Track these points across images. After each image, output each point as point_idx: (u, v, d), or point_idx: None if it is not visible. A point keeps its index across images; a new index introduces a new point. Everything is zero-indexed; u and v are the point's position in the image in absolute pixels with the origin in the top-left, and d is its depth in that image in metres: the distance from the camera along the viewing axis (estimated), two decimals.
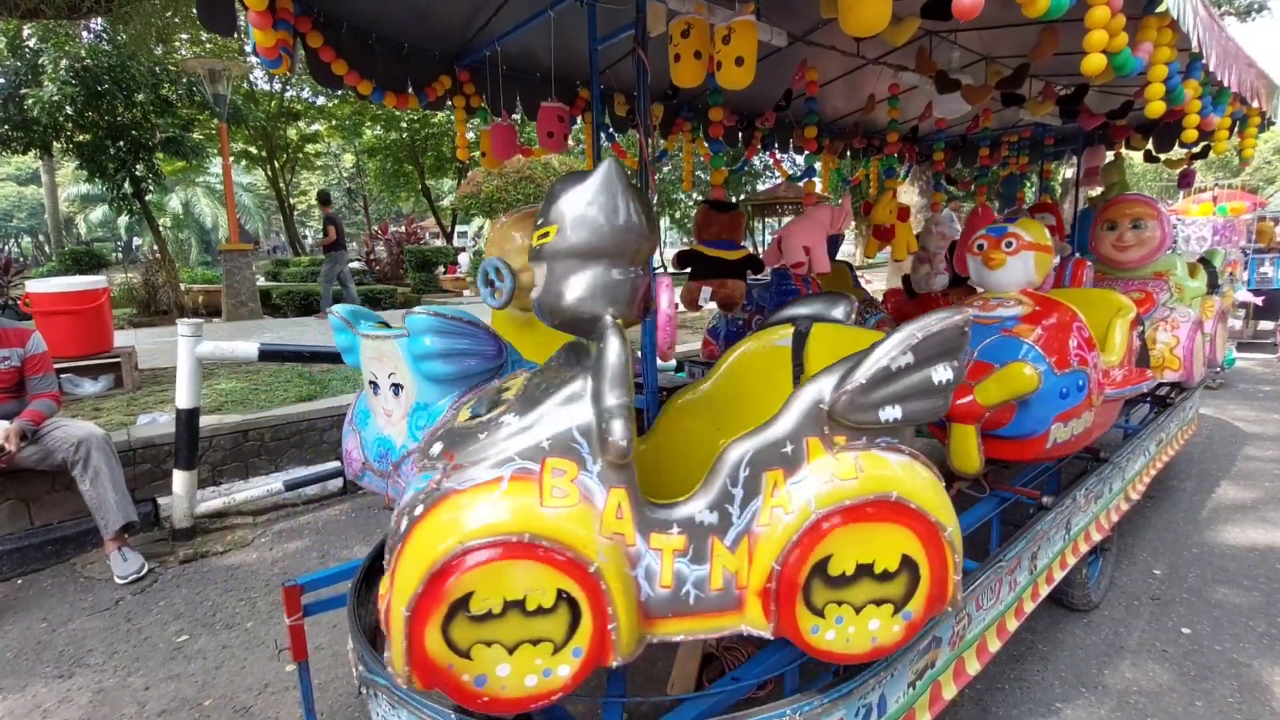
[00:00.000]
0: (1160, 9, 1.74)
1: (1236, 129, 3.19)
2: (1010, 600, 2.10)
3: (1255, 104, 2.87)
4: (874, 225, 3.75)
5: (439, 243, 23.12)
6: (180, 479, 3.73)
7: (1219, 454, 4.78)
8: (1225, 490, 4.13)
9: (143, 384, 5.69)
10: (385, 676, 1.50)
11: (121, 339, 6.59)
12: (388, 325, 1.88)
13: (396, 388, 1.75)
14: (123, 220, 26.61)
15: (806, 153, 4.41)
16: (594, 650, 1.17)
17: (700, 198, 12.60)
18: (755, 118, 4.10)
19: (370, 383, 1.85)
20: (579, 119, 3.42)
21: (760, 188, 21.05)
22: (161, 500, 3.91)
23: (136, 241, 32.44)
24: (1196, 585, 3.02)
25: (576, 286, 1.26)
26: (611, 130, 3.65)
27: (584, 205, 1.25)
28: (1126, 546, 3.35)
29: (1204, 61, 2.09)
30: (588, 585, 1.15)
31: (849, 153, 5.03)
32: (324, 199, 11.09)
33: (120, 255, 28.25)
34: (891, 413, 1.29)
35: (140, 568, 3.32)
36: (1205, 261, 3.99)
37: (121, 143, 12.16)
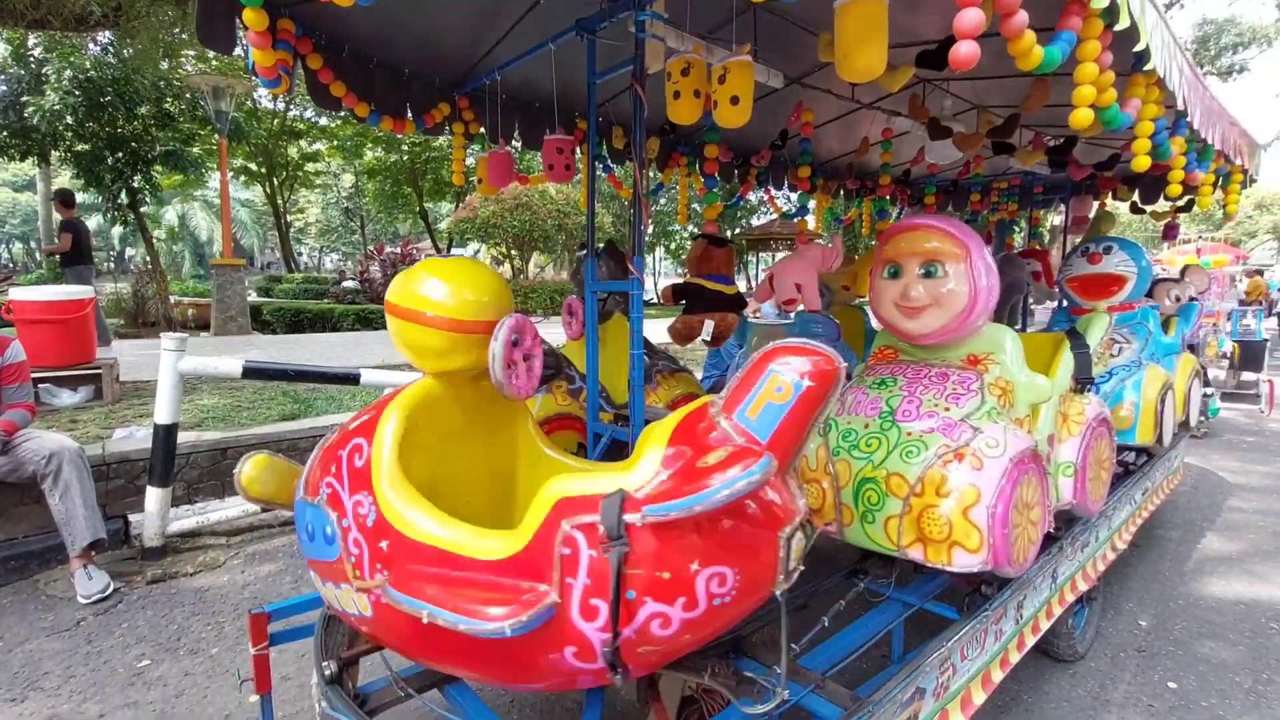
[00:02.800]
0: (1148, 67, 1.77)
1: (1220, 184, 3.26)
2: (996, 650, 2.06)
3: (1238, 161, 2.92)
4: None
5: None
6: (154, 496, 3.65)
7: (1204, 504, 4.78)
8: (1211, 541, 4.11)
9: (123, 397, 5.60)
10: (349, 713, 1.44)
11: (104, 350, 6.50)
12: None
13: None
14: (116, 230, 26.57)
15: (800, 191, 4.46)
16: None
17: (695, 231, 12.73)
18: (751, 155, 4.15)
19: None
20: (578, 150, 3.45)
21: (755, 223, 21.31)
22: (133, 517, 3.82)
23: (130, 252, 32.36)
24: (1183, 638, 2.99)
25: None
26: (609, 162, 3.68)
27: None
28: (1112, 596, 3.32)
29: (1189, 119, 2.13)
30: None
31: (842, 193, 5.10)
32: (65, 199, 8.31)
33: (112, 265, 28.11)
34: None
35: (105, 587, 3.22)
36: (1074, 334, 2.57)
37: (120, 154, 12.20)
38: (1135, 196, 4.31)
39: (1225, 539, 4.14)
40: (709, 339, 4.11)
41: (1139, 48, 1.64)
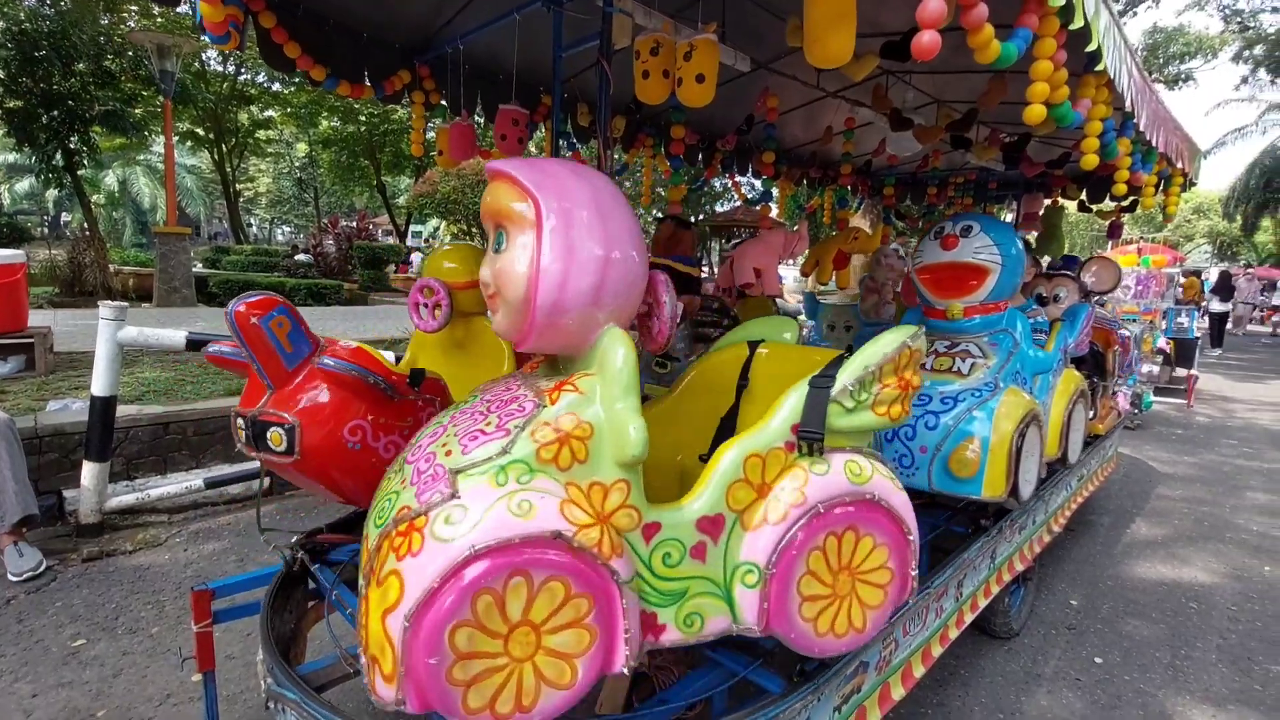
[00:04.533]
0: (1099, 68, 1.83)
1: (1162, 187, 3.40)
2: (936, 626, 2.14)
3: (1180, 165, 3.05)
4: (835, 253, 3.81)
5: (391, 240, 22.62)
6: (90, 471, 3.50)
7: (1135, 492, 5.03)
8: (1139, 526, 4.34)
9: (57, 367, 5.33)
10: (295, 690, 1.42)
11: (38, 318, 6.17)
12: None
13: None
14: (51, 194, 25.17)
15: (764, 176, 4.49)
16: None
17: (659, 214, 12.70)
18: (717, 139, 4.15)
19: None
20: (541, 125, 3.39)
21: (719, 209, 21.38)
22: (68, 493, 3.66)
23: (65, 217, 30.69)
24: (1110, 616, 3.16)
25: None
26: (574, 140, 3.64)
27: None
28: (1047, 577, 3.48)
29: (1136, 121, 2.21)
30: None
31: (805, 180, 5.15)
32: None
33: (46, 230, 26.63)
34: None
35: (38, 565, 3.09)
36: (840, 361, 1.52)
37: (56, 112, 11.52)
38: (1083, 195, 4.47)
39: (1152, 525, 4.38)
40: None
41: (1091, 48, 1.69)
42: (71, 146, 12.19)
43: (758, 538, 1.34)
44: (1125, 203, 4.07)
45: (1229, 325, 17.69)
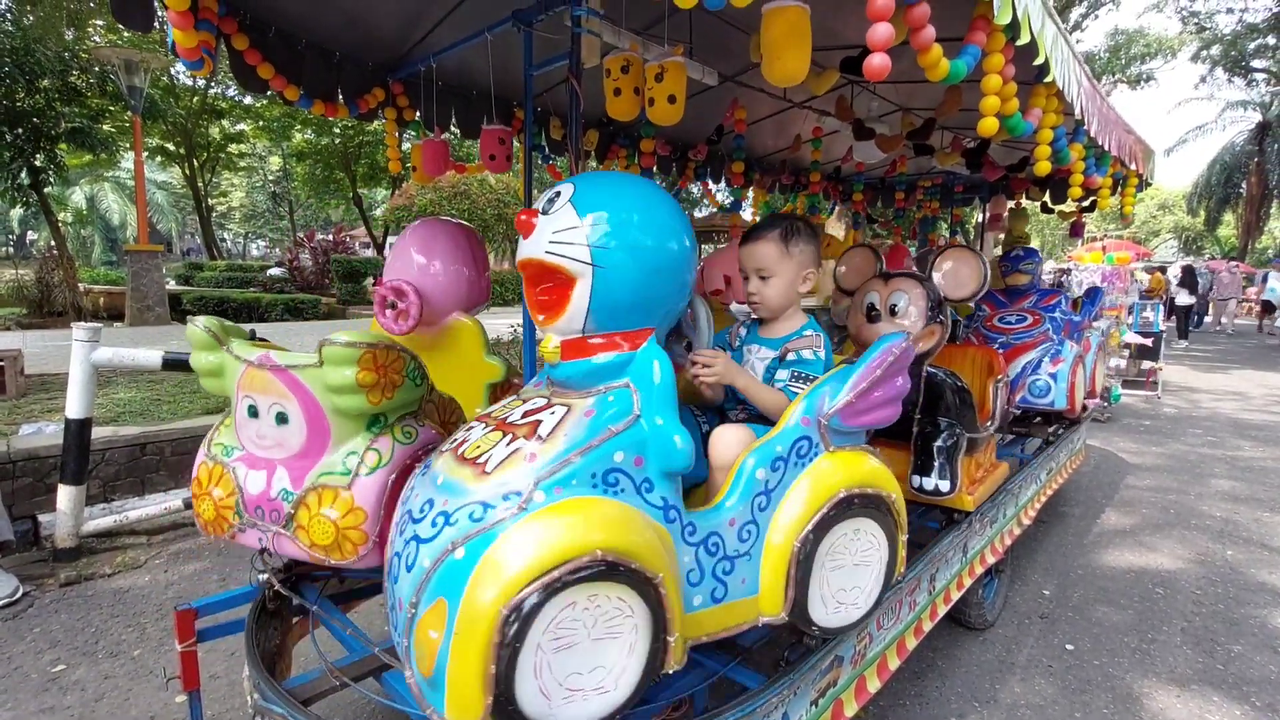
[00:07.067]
0: (1048, 79, 1.92)
1: (1118, 188, 3.53)
2: (910, 619, 2.20)
3: (1134, 166, 3.18)
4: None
5: (369, 253, 22.45)
6: (66, 494, 3.46)
7: (1104, 482, 5.17)
8: (1109, 516, 4.47)
9: (29, 390, 5.25)
10: (282, 705, 1.44)
11: (7, 340, 6.07)
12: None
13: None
14: (16, 213, 24.63)
15: (735, 185, 4.57)
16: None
17: None
18: (688, 149, 4.23)
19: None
20: (515, 140, 3.44)
21: (698, 214, 21.50)
22: (43, 518, 3.61)
23: (32, 236, 30.07)
24: (1080, 604, 3.25)
25: None
26: (549, 153, 3.68)
27: None
28: (1020, 568, 3.58)
29: (1086, 127, 2.31)
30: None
31: (777, 187, 5.25)
32: None
33: (12, 250, 26.07)
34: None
35: (14, 591, 3.06)
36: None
37: (20, 130, 11.31)
38: (1046, 197, 4.61)
39: (1121, 514, 4.51)
40: None
41: (1039, 61, 1.78)
42: (37, 164, 11.97)
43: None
44: (1085, 203, 4.21)
45: (1221, 321, 18.01)
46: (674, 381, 1.35)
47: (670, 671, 1.26)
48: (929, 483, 2.37)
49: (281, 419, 1.59)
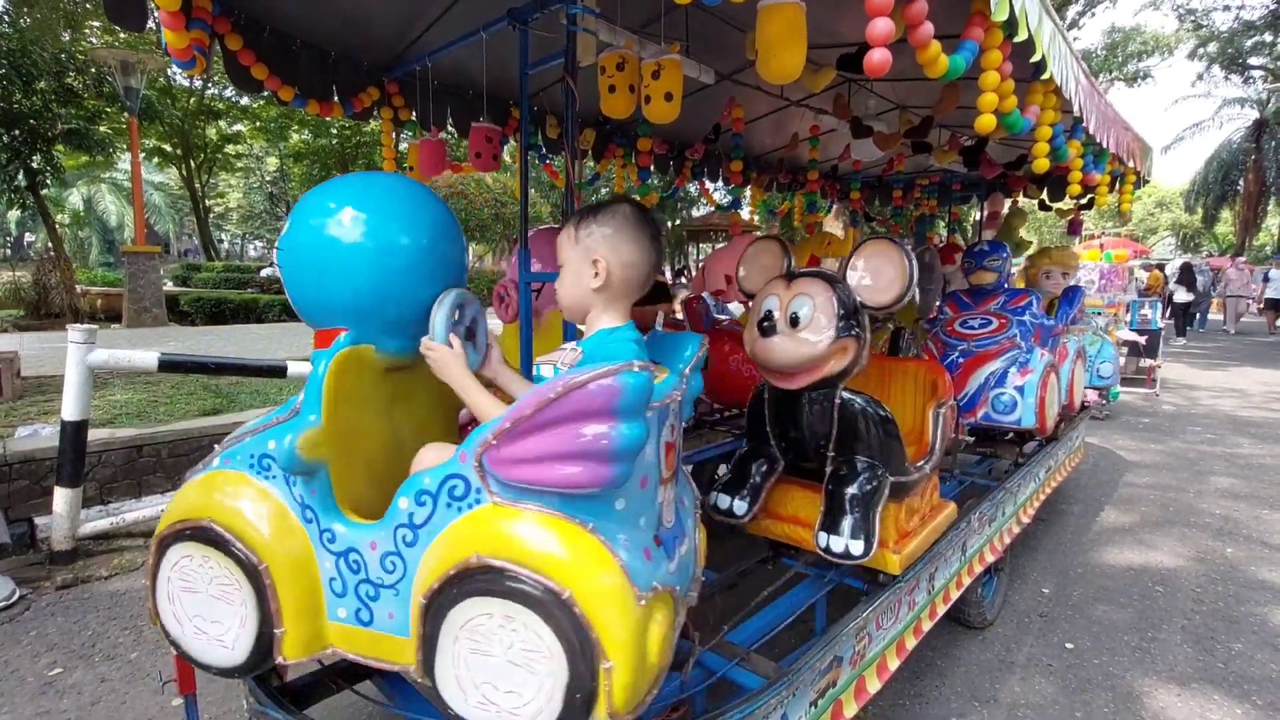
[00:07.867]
0: (1045, 76, 1.91)
1: (1116, 185, 3.52)
2: (909, 619, 2.20)
3: (1131, 163, 3.17)
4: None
5: None
6: (62, 497, 3.44)
7: (1103, 480, 5.17)
8: (1108, 514, 4.46)
9: (25, 393, 5.24)
10: (277, 708, 1.43)
11: (3, 342, 6.06)
12: None
13: None
14: (13, 215, 24.62)
15: (733, 184, 4.56)
16: None
17: None
18: (685, 148, 4.22)
19: None
20: (511, 139, 3.43)
21: (696, 213, 21.50)
22: (40, 520, 3.60)
23: (29, 237, 30.05)
24: (1080, 603, 3.25)
25: None
26: (545, 152, 3.67)
27: None
28: (1019, 567, 3.57)
29: (1085, 125, 2.30)
30: None
31: (775, 185, 5.24)
32: None
33: (9, 252, 26.04)
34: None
35: (10, 594, 3.04)
36: None
37: (17, 131, 11.29)
38: (1044, 194, 4.61)
39: (1121, 512, 4.50)
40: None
41: (1036, 58, 1.77)
42: (34, 166, 11.96)
43: None
44: (1084, 201, 4.20)
45: (1239, 320, 17.61)
46: (319, 380, 1.34)
47: (285, 661, 1.32)
48: (837, 543, 1.85)
49: None
